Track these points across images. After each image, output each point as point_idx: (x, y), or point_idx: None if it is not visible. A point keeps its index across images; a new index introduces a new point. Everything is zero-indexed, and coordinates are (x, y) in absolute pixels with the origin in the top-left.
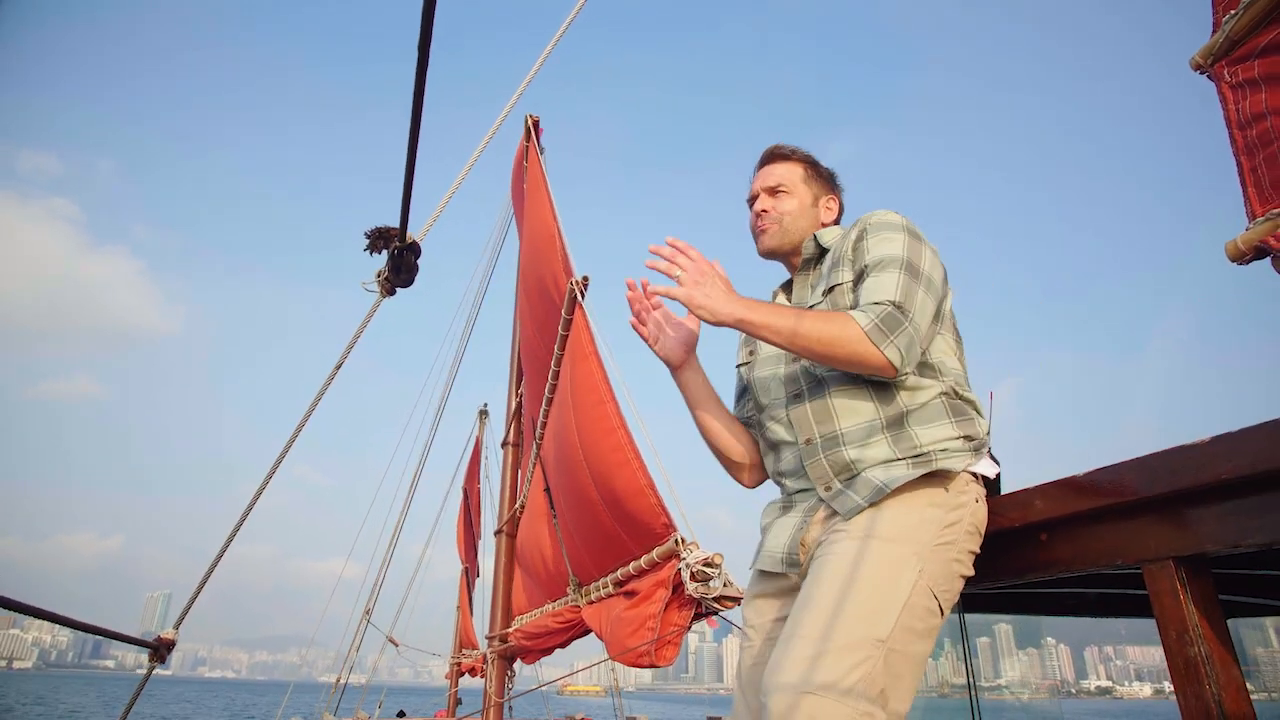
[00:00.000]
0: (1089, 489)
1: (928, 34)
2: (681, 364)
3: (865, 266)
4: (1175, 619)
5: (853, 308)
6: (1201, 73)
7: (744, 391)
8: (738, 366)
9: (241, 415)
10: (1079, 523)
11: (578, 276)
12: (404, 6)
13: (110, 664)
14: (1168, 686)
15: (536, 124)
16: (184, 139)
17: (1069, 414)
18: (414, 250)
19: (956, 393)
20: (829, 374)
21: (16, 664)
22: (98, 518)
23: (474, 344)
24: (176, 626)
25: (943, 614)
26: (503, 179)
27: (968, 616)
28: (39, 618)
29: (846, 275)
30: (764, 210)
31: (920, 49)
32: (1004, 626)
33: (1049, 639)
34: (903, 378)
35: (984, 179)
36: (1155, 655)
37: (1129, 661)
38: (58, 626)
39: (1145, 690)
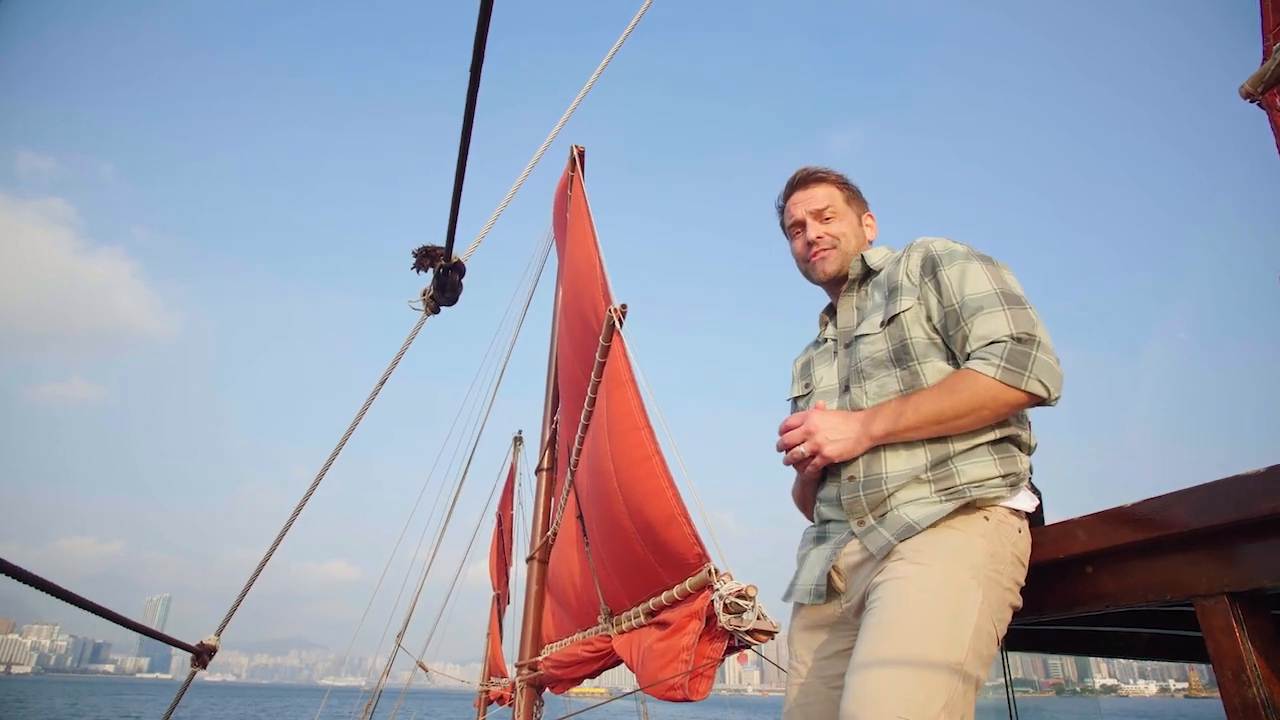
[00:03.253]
0: (1137, 520)
1: (927, 34)
2: None
3: (955, 309)
4: (1231, 658)
5: (956, 350)
6: (1251, 101)
7: None
8: (792, 399)
9: (241, 418)
10: (1127, 555)
11: (616, 304)
12: (402, 9)
13: (109, 668)
14: (1173, 685)
15: (582, 155)
16: (184, 140)
17: (1069, 414)
18: (458, 270)
19: (1005, 434)
20: None
21: (15, 669)
22: (98, 522)
23: (509, 370)
24: (218, 634)
25: (998, 641)
26: (539, 191)
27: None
28: (104, 617)
29: (908, 302)
30: (820, 236)
31: (919, 49)
32: None
33: None
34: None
35: (982, 179)
36: None
37: (1132, 659)
38: (56, 631)
39: (1151, 689)
